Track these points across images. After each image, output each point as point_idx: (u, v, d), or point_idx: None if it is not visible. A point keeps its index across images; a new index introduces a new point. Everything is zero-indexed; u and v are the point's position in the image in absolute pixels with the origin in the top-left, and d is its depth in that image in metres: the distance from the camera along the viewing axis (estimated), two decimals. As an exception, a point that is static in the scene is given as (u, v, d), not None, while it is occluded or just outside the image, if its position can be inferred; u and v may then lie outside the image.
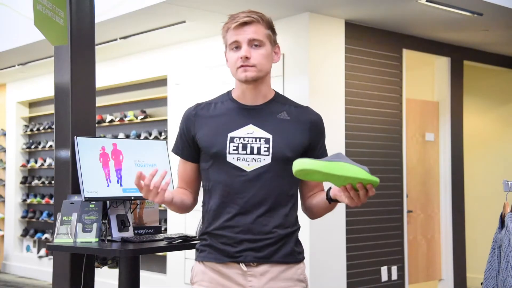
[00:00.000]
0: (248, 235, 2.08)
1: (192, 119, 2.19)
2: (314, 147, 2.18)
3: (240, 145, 2.10)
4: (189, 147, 2.19)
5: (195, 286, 2.17)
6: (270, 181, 2.10)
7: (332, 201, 2.08)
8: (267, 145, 2.09)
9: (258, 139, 2.10)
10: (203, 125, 2.16)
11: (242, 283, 2.10)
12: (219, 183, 2.11)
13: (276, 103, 2.19)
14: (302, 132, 2.15)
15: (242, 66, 2.09)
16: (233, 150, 2.09)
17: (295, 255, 2.15)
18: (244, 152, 2.09)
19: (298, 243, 2.19)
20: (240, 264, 2.10)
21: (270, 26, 2.16)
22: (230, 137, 2.11)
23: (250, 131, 2.12)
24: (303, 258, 2.20)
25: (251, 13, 2.12)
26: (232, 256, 2.10)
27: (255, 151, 2.09)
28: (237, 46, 2.11)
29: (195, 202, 2.28)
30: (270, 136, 2.11)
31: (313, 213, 2.23)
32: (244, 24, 2.09)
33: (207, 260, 2.14)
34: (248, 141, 2.10)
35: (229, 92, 2.23)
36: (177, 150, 2.24)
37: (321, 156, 2.16)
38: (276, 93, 2.23)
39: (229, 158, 2.10)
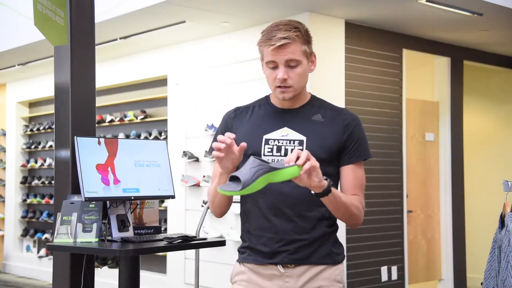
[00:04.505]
0: (284, 236, 2.11)
1: (231, 121, 2.24)
2: (346, 147, 2.17)
3: (275, 147, 2.13)
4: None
5: (235, 285, 2.22)
6: None
7: (317, 195, 2.00)
8: (301, 147, 2.12)
9: (292, 141, 2.13)
10: (241, 126, 2.20)
11: (280, 283, 2.14)
12: None
13: (311, 106, 2.22)
14: (336, 134, 2.15)
15: (279, 87, 2.12)
16: (268, 151, 2.13)
17: (333, 256, 2.16)
18: (278, 154, 2.13)
19: (336, 243, 2.19)
20: (278, 266, 2.13)
21: (306, 40, 2.14)
22: (265, 139, 2.15)
23: (285, 133, 2.15)
24: (342, 259, 2.20)
25: (288, 31, 2.08)
26: (270, 258, 2.13)
27: (289, 153, 2.09)
28: (274, 66, 2.12)
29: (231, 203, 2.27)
30: (304, 138, 2.13)
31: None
32: (281, 45, 2.08)
33: (247, 261, 2.19)
34: (282, 143, 2.14)
35: (267, 97, 2.27)
36: None
37: (350, 158, 2.15)
38: (312, 96, 2.26)
39: (264, 159, 2.10)
